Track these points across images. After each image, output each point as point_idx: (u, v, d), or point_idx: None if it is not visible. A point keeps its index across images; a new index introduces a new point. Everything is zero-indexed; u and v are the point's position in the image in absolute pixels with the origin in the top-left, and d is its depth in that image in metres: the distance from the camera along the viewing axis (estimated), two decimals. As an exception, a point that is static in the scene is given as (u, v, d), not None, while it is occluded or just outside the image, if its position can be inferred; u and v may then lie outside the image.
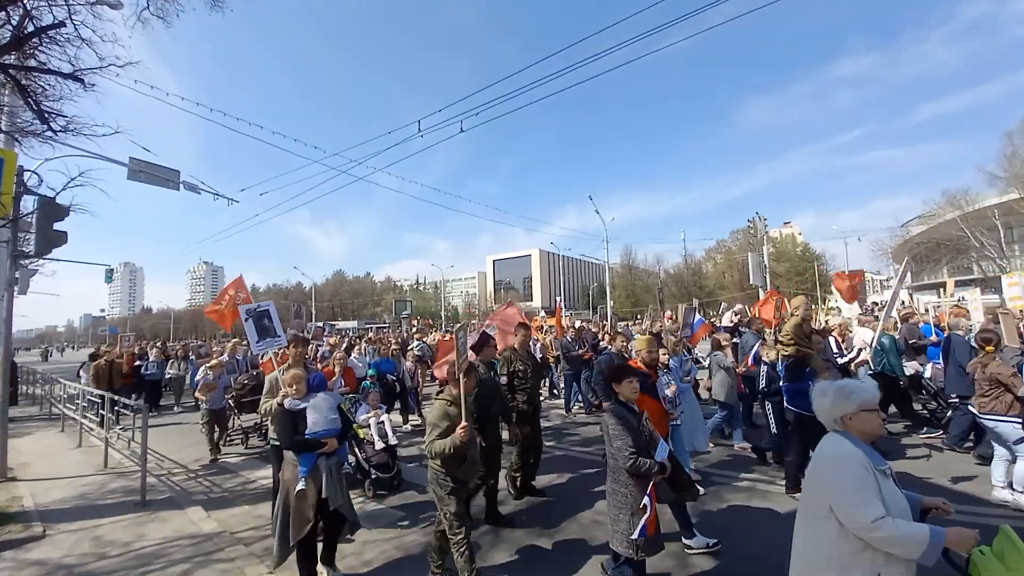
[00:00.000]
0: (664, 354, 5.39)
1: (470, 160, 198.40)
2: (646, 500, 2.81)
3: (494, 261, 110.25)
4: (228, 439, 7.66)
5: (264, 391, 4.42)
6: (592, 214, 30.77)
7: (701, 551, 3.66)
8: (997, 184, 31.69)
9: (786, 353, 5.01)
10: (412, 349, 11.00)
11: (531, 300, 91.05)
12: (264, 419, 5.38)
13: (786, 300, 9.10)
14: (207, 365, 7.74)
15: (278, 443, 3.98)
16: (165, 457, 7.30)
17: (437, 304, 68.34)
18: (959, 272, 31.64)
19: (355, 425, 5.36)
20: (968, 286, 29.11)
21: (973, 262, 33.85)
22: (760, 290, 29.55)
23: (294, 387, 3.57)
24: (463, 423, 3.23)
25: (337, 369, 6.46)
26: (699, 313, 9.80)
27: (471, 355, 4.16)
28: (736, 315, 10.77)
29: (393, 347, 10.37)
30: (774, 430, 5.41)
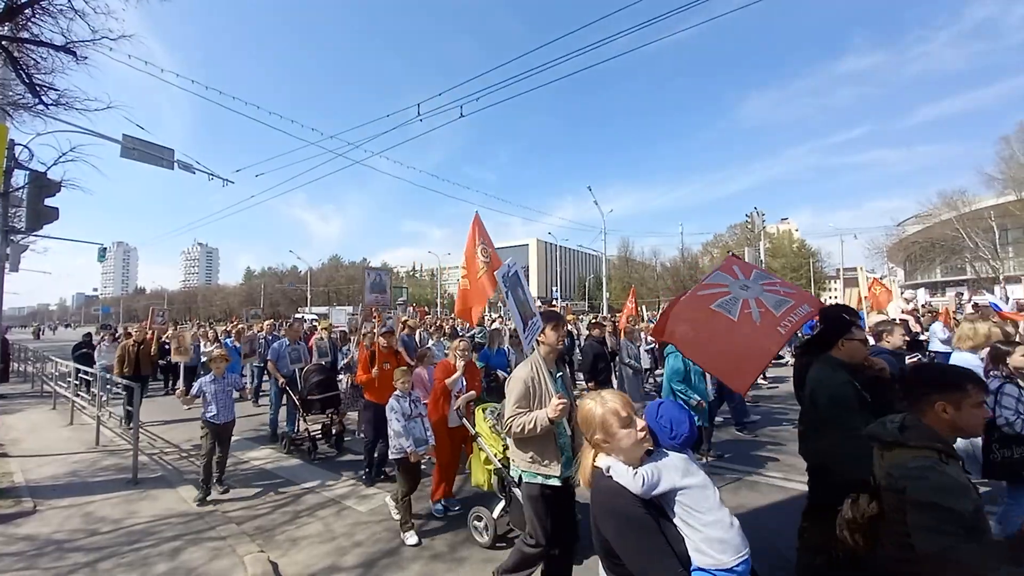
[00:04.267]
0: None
1: (469, 147, 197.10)
2: None
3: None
4: (293, 445, 6.38)
5: (514, 395, 2.77)
6: (590, 205, 30.67)
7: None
8: (994, 186, 31.94)
9: None
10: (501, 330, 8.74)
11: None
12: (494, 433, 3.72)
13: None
14: (211, 357, 5.34)
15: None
16: (157, 436, 7.32)
17: (433, 292, 68.33)
18: (952, 272, 31.93)
19: (509, 450, 3.45)
20: (960, 286, 29.48)
21: (967, 262, 34.15)
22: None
23: (636, 437, 1.61)
24: None
25: (460, 364, 4.52)
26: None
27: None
28: (909, 302, 8.83)
29: (447, 333, 9.73)
30: None
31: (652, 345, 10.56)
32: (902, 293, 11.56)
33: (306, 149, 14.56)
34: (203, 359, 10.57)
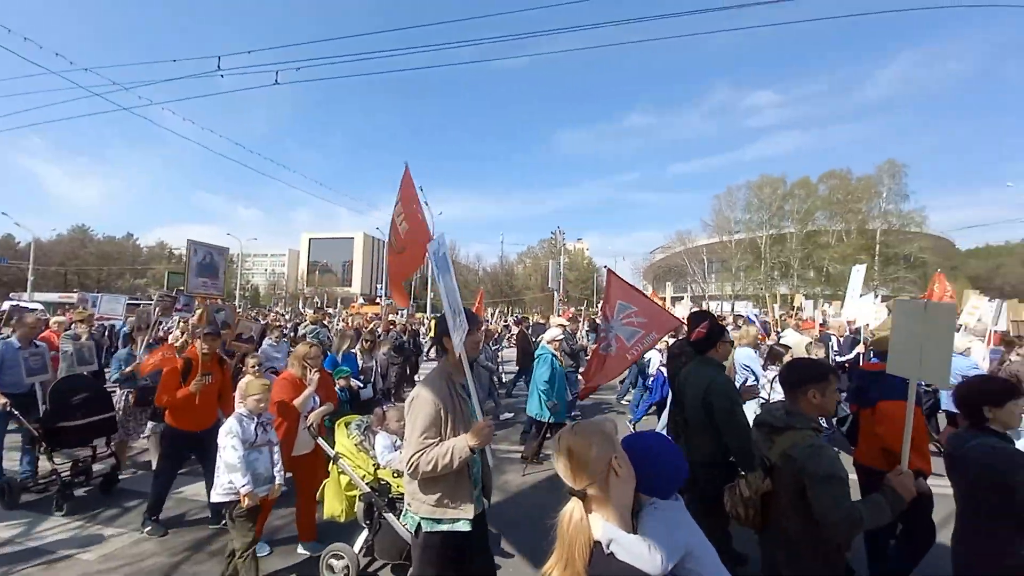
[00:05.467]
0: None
1: (298, 124, 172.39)
2: None
3: (311, 239, 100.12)
4: (24, 490, 4.52)
5: (421, 422, 2.18)
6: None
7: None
8: (707, 230, 45.57)
9: None
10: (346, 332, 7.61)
11: (350, 286, 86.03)
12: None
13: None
14: None
15: None
16: None
17: (233, 281, 58.47)
18: (679, 291, 43.90)
19: (381, 469, 3.25)
20: (679, 301, 41.04)
21: (688, 284, 47.48)
22: (555, 292, 34.88)
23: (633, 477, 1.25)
24: None
25: (310, 376, 3.68)
26: (533, 312, 8.86)
27: None
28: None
29: (288, 333, 8.82)
30: None
31: (497, 346, 11.72)
32: (687, 305, 15.26)
33: (44, 78, 11.28)
34: None
